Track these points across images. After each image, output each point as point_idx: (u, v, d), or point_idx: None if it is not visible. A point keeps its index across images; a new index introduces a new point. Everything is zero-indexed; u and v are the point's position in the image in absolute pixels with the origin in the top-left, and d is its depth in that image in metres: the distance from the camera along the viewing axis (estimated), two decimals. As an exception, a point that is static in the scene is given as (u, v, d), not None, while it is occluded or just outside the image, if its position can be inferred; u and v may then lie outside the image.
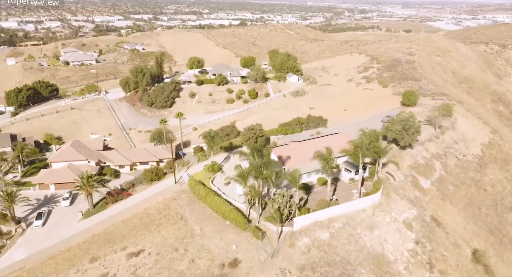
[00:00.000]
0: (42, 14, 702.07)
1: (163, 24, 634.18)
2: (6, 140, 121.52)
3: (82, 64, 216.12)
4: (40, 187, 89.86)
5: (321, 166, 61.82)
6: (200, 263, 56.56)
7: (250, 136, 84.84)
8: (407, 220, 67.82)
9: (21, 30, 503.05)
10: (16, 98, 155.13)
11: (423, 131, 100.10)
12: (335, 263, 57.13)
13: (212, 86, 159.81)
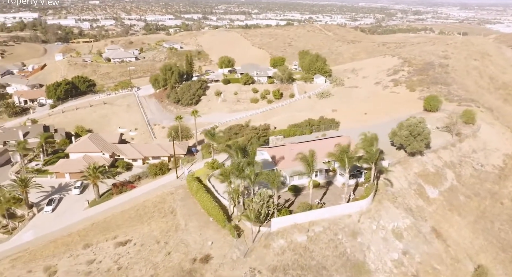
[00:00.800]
0: (98, 12, 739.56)
1: (211, 23, 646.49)
2: (39, 131, 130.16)
3: (122, 61, 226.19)
4: (56, 175, 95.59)
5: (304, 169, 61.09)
6: (175, 256, 58.08)
7: (253, 136, 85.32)
8: (397, 229, 65.48)
9: (77, 27, 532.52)
10: (55, 91, 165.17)
11: (439, 138, 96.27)
12: (309, 267, 56.44)
13: (238, 86, 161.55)
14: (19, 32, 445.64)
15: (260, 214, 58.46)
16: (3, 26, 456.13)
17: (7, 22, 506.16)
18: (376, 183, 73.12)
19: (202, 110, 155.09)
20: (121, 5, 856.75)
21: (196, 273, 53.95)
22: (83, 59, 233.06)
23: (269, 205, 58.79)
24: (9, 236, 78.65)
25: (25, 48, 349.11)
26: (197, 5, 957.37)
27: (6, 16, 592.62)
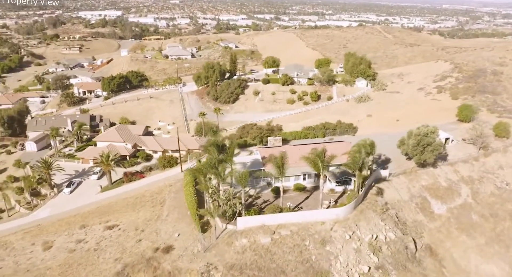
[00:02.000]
0: (176, 11, 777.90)
1: (282, 24, 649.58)
2: (85, 120, 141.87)
3: (178, 58, 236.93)
4: (82, 161, 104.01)
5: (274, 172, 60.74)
6: (143, 244, 61.10)
7: (256, 135, 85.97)
8: (376, 242, 62.39)
9: (154, 25, 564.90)
10: (109, 84, 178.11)
11: (462, 150, 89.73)
12: (268, 270, 56.18)
13: (276, 86, 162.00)
14: (101, 29, 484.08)
15: (226, 211, 59.25)
16: (88, 23, 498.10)
17: (92, 19, 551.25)
18: (366, 192, 70.18)
19: (239, 109, 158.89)
20: (199, 5, 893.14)
21: (155, 261, 56.36)
22: (144, 55, 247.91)
23: (235, 204, 59.32)
24: (30, 212, 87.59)
25: (101, 43, 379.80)
26: (272, 5, 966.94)
27: (93, 14, 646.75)
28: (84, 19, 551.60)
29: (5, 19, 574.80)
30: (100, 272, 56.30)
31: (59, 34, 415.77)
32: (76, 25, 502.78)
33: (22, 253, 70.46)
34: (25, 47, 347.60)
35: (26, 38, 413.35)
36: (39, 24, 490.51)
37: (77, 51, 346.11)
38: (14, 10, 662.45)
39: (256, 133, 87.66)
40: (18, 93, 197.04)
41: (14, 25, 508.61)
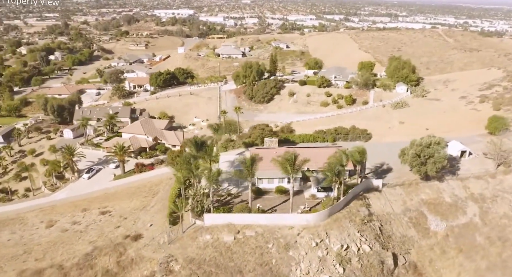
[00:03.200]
0: (246, 11, 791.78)
1: (351, 25, 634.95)
2: (126, 112, 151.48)
3: (229, 57, 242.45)
4: (106, 150, 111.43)
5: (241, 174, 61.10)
6: (119, 230, 64.82)
7: (258, 135, 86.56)
8: (346, 253, 60.21)
9: (221, 24, 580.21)
10: (156, 80, 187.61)
11: (478, 165, 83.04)
12: (225, 268, 57.01)
13: (312, 88, 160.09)
14: (170, 27, 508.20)
15: (196, 207, 60.92)
16: (159, 21, 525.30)
17: (165, 17, 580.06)
18: (349, 200, 67.81)
19: (272, 109, 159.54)
20: (269, 5, 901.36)
21: (121, 247, 59.67)
22: (198, 53, 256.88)
23: (202, 200, 60.70)
24: (51, 193, 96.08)
25: (166, 40, 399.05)
26: (343, 6, 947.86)
27: (167, 12, 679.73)
28: (158, 17, 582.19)
29: (87, 15, 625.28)
30: (73, 252, 60.84)
31: (131, 31, 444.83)
32: (148, 23, 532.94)
33: (30, 228, 77.87)
34: (97, 42, 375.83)
35: (102, 34, 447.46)
36: (115, 21, 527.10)
37: (143, 47, 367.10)
38: (96, 7, 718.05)
39: (258, 134, 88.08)
40: (78, 85, 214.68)
41: (94, 21, 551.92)
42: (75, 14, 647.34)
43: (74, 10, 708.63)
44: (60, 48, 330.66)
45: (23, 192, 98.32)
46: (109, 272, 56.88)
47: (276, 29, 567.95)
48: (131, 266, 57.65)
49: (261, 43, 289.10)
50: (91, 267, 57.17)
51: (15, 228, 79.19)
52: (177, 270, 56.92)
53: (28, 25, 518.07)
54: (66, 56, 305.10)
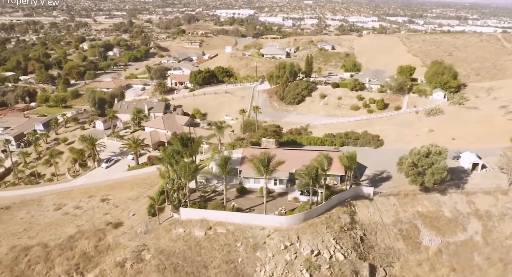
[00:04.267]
0: (307, 12, 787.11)
1: (415, 27, 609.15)
2: (161, 107, 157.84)
3: (272, 57, 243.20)
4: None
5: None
6: (105, 217, 68.56)
7: (260, 136, 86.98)
8: (316, 259, 58.94)
9: (279, 25, 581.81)
10: (195, 78, 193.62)
11: (490, 180, 76.96)
12: (192, 261, 58.35)
13: (344, 91, 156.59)
14: (228, 26, 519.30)
15: (173, 200, 62.90)
16: (217, 20, 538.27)
17: (224, 17, 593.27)
18: (331, 206, 66.08)
19: (301, 110, 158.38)
20: (331, 6, 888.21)
21: (101, 233, 63.13)
22: (243, 53, 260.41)
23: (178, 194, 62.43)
24: (72, 179, 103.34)
25: (220, 40, 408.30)
26: (409, 8, 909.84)
27: (228, 12, 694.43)
28: (217, 17, 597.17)
29: (152, 14, 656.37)
30: (61, 233, 65.39)
31: (190, 30, 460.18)
32: (207, 22, 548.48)
33: (42, 210, 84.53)
34: (155, 40, 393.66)
35: (162, 32, 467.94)
36: (177, 20, 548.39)
37: (198, 46, 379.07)
38: (162, 7, 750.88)
39: (260, 133, 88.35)
40: (126, 80, 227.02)
41: (157, 20, 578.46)
42: (141, 13, 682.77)
43: (141, 9, 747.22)
44: (119, 44, 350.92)
45: (49, 177, 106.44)
46: (86, 254, 60.46)
47: (333, 31, 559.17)
48: (106, 251, 60.84)
49: (308, 44, 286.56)
50: (71, 249, 61.12)
51: (31, 209, 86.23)
52: (147, 259, 59.20)
53: (97, 22, 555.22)
54: (123, 52, 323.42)
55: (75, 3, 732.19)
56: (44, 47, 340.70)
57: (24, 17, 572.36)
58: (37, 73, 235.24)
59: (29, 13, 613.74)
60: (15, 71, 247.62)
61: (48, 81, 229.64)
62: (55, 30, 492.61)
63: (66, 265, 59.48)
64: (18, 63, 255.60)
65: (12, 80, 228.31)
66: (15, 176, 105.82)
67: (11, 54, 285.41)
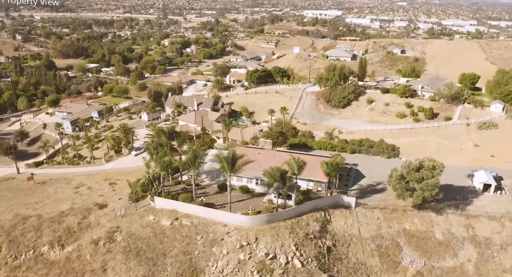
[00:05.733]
0: (399, 13, 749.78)
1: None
2: (209, 103, 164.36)
3: (337, 59, 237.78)
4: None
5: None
6: (99, 198, 74.86)
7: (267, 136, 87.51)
8: (271, 263, 58.29)
9: (365, 26, 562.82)
10: (250, 76, 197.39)
11: (501, 204, 68.93)
12: (153, 248, 61.55)
13: (393, 97, 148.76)
14: (310, 27, 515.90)
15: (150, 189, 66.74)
16: (300, 21, 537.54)
17: (310, 17, 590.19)
18: (303, 211, 64.45)
19: (345, 115, 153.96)
20: (426, 8, 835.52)
21: (87, 212, 69.15)
22: (308, 54, 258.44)
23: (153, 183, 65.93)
24: (104, 163, 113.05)
25: (297, 40, 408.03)
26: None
27: (314, 13, 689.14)
28: (301, 17, 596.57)
29: (240, 13, 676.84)
30: (57, 209, 72.74)
31: (272, 29, 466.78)
32: (290, 23, 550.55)
33: (65, 187, 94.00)
34: (233, 38, 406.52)
35: (245, 31, 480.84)
36: (260, 20, 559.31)
37: (273, 46, 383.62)
38: (251, 6, 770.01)
39: (266, 134, 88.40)
40: (192, 76, 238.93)
41: (243, 19, 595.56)
42: (229, 12, 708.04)
43: (231, 8, 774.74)
44: (198, 42, 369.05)
45: (88, 160, 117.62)
46: (70, 229, 66.87)
47: (422, 34, 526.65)
48: (87, 228, 66.65)
49: (379, 47, 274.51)
50: (59, 223, 67.99)
51: (59, 186, 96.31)
52: (118, 240, 63.76)
53: (187, 20, 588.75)
54: (199, 49, 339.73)
55: (171, 1, 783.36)
56: (131, 42, 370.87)
57: (124, 14, 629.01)
58: (116, 66, 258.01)
59: (128, 10, 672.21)
60: (99, 63, 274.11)
61: (125, 73, 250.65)
62: (148, 26, 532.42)
63: (51, 236, 66.40)
64: (103, 56, 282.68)
65: (94, 71, 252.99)
66: (60, 156, 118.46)
67: (98, 48, 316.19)
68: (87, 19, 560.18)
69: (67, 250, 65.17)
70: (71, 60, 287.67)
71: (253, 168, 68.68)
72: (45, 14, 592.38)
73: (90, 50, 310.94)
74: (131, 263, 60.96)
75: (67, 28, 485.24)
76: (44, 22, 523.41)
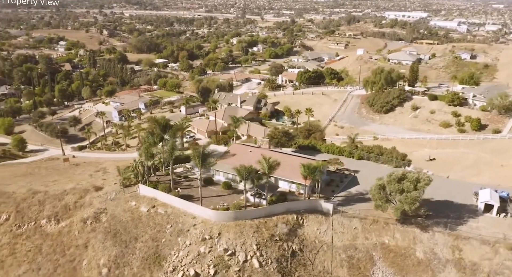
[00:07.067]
0: (492, 17, 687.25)
1: None
2: (252, 101, 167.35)
3: (398, 63, 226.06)
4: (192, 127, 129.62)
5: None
6: (99, 181, 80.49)
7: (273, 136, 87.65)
8: (229, 259, 58.78)
9: (450, 29, 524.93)
10: (300, 77, 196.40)
11: (502, 229, 62.64)
12: (128, 232, 65.35)
13: (441, 104, 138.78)
14: (388, 29, 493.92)
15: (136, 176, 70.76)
16: (378, 22, 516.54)
17: (387, 19, 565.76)
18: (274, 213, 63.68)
19: (386, 121, 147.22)
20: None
21: (83, 192, 75.16)
22: (370, 56, 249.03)
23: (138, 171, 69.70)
24: (134, 151, 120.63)
25: (368, 42, 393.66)
26: None
27: (397, 14, 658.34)
28: (379, 19, 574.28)
29: (319, 14, 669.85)
30: (64, 187, 79.85)
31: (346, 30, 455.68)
32: (367, 24, 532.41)
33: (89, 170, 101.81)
34: (303, 39, 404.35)
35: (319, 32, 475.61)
36: (336, 21, 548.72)
37: (342, 47, 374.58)
38: (331, 7, 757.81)
39: (271, 133, 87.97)
40: (248, 74, 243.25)
41: (320, 20, 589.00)
42: (308, 12, 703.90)
43: (310, 8, 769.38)
44: (265, 41, 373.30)
45: (123, 147, 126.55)
46: (66, 207, 73.33)
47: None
48: (80, 207, 72.57)
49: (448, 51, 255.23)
50: (59, 200, 74.82)
51: (86, 168, 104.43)
52: (102, 221, 68.66)
53: (263, 20, 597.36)
54: (265, 49, 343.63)
55: (252, 1, 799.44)
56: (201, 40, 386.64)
57: (205, 13, 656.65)
58: (180, 62, 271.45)
59: (210, 9, 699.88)
60: (167, 59, 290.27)
61: (188, 69, 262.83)
62: (225, 25, 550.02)
63: (50, 211, 73.40)
64: (172, 52, 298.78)
65: (161, 66, 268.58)
66: (101, 142, 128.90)
67: (169, 44, 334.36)
68: (170, 17, 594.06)
69: (61, 225, 71.57)
70: (144, 55, 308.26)
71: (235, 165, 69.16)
72: (134, 12, 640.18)
73: (162, 46, 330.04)
74: (108, 243, 65.33)
75: (151, 25, 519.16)
76: (131, 19, 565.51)
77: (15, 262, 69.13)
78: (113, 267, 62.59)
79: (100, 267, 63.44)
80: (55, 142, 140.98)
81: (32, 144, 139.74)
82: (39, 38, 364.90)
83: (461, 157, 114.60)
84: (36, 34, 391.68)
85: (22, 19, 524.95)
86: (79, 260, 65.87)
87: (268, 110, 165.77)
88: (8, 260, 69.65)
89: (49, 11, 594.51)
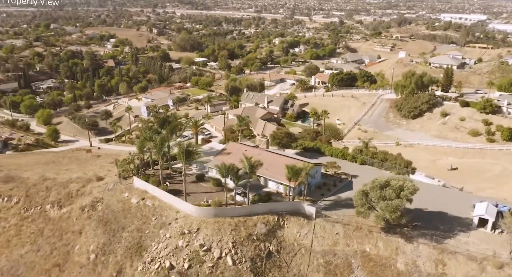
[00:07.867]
0: None
1: None
2: (278, 102, 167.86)
3: (439, 67, 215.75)
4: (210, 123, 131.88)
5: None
6: (103, 172, 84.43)
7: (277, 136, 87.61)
8: (205, 254, 59.72)
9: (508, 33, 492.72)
10: (332, 79, 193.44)
11: (495, 246, 59.03)
12: (118, 221, 68.23)
13: (472, 112, 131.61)
14: (441, 31, 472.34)
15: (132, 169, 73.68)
16: (430, 25, 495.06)
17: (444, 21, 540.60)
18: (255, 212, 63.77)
19: (413, 126, 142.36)
20: None
21: (86, 182, 79.34)
22: (411, 59, 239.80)
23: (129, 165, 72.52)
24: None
25: (415, 45, 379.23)
26: None
27: (454, 16, 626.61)
28: (432, 21, 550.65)
29: (370, 15, 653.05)
30: (71, 175, 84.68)
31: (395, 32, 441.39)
32: (419, 26, 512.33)
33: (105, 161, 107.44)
34: (347, 40, 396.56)
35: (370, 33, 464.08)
36: (386, 23, 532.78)
37: (388, 50, 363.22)
38: (384, 8, 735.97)
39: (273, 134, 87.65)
40: (282, 75, 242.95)
41: (370, 21, 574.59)
42: (359, 13, 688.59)
43: (361, 9, 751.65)
44: (308, 42, 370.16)
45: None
46: (69, 194, 77.78)
47: None
48: (81, 196, 76.69)
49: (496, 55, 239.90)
50: (64, 187, 79.49)
51: (105, 160, 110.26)
52: (98, 209, 72.19)
53: (311, 21, 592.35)
54: (307, 50, 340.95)
55: (302, 2, 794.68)
56: (247, 39, 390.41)
57: (254, 13, 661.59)
58: (219, 61, 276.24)
59: (259, 9, 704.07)
60: (208, 58, 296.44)
61: (226, 68, 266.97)
62: (273, 26, 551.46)
63: (55, 197, 78.20)
64: (213, 51, 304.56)
65: (201, 65, 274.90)
66: (125, 136, 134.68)
67: (211, 43, 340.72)
68: (220, 16, 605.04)
69: (62, 211, 76.05)
70: (186, 53, 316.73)
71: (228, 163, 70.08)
72: (185, 11, 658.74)
73: (204, 45, 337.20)
74: (99, 230, 68.60)
75: (200, 24, 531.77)
76: (182, 18, 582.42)
77: (19, 242, 74.37)
78: (100, 254, 65.63)
79: (89, 253, 66.73)
80: (86, 133, 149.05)
81: (66, 135, 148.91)
82: (91, 35, 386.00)
83: (485, 168, 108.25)
84: (89, 31, 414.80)
85: (80, 17, 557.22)
86: (73, 245, 69.66)
87: (295, 111, 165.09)
88: (13, 240, 75.07)
89: (106, 10, 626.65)
